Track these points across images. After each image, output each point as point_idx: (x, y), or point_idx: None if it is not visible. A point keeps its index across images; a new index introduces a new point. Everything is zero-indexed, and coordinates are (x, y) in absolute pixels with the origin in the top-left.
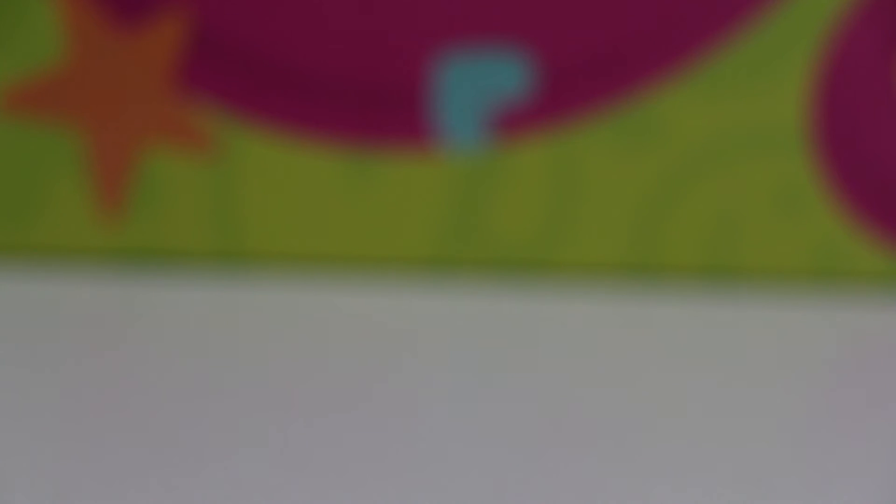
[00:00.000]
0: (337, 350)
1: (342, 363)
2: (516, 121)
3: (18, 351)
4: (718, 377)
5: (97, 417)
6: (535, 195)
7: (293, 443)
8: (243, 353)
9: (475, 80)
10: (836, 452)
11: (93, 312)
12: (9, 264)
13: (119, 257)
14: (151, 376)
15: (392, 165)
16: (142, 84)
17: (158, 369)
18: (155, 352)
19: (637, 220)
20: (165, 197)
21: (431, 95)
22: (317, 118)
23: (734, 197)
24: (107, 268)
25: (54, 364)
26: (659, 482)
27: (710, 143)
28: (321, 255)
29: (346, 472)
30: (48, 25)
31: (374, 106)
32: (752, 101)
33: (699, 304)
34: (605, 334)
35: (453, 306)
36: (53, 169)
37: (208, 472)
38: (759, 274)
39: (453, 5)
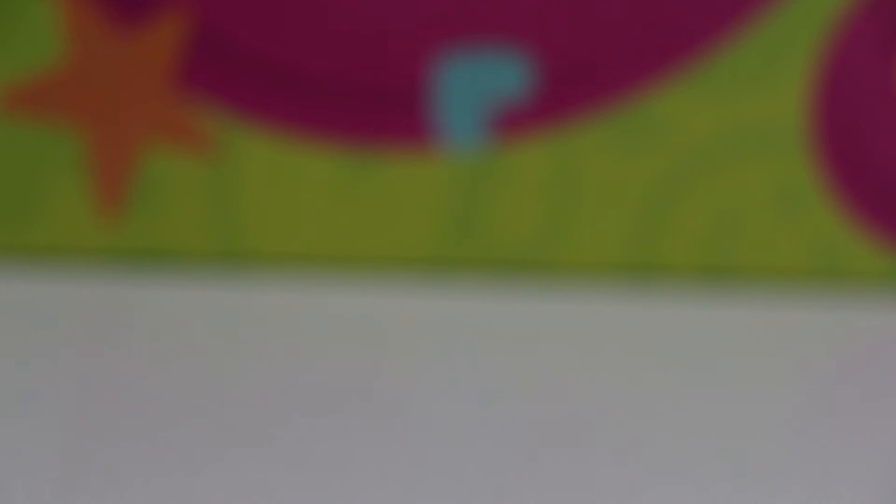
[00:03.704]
0: (336, 350)
1: (341, 363)
2: (516, 121)
3: (18, 351)
4: (718, 377)
5: (97, 417)
6: (535, 195)
7: (293, 442)
8: (243, 353)
9: (475, 80)
10: (836, 452)
11: (92, 312)
12: (9, 264)
13: (119, 257)
14: (151, 376)
15: (392, 165)
16: (142, 84)
17: (158, 369)
18: (154, 351)
19: (637, 220)
20: (165, 197)
21: (431, 95)
22: (317, 118)
23: (734, 197)
24: (107, 268)
25: (54, 364)
26: (659, 482)
27: (710, 143)
28: (321, 255)
29: (346, 471)
30: (48, 25)
31: (374, 106)
32: (752, 101)
33: (699, 304)
34: (605, 334)
35: (453, 306)
36: (53, 169)
37: (208, 472)
38: (758, 274)
39: (453, 5)
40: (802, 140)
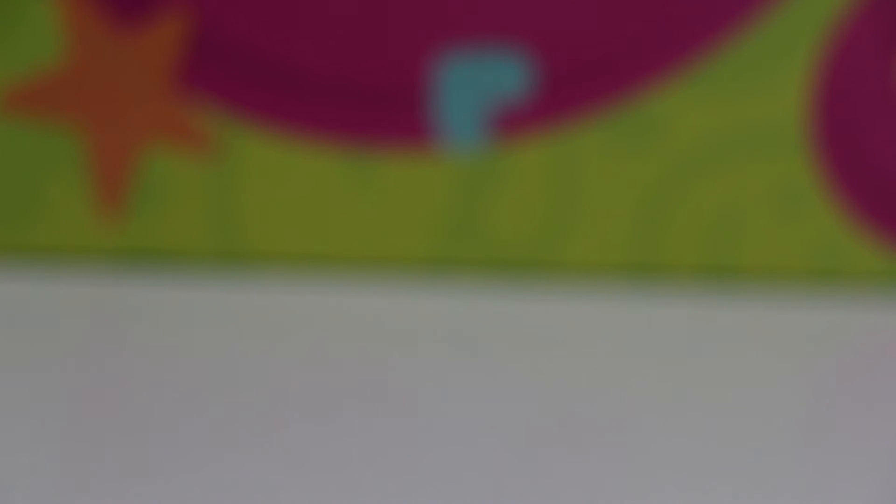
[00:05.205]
0: (337, 350)
1: (342, 363)
2: (516, 121)
3: (19, 351)
4: (718, 377)
5: (97, 417)
6: (535, 195)
7: (293, 443)
8: (243, 353)
9: (475, 80)
10: (836, 452)
11: (93, 312)
12: (9, 264)
13: (119, 257)
14: (152, 376)
15: (392, 165)
16: (142, 84)
17: (158, 369)
18: (155, 352)
19: (637, 220)
20: (165, 197)
21: (431, 95)
22: (317, 118)
23: (734, 197)
24: (107, 268)
25: (54, 364)
26: (659, 482)
27: (710, 143)
28: (321, 255)
29: (346, 472)
30: (48, 25)
31: (374, 106)
32: (752, 101)
33: (699, 304)
34: (605, 334)
35: (453, 306)
36: (53, 169)
37: (208, 472)
38: (758, 274)
39: (453, 5)
40: (802, 140)
